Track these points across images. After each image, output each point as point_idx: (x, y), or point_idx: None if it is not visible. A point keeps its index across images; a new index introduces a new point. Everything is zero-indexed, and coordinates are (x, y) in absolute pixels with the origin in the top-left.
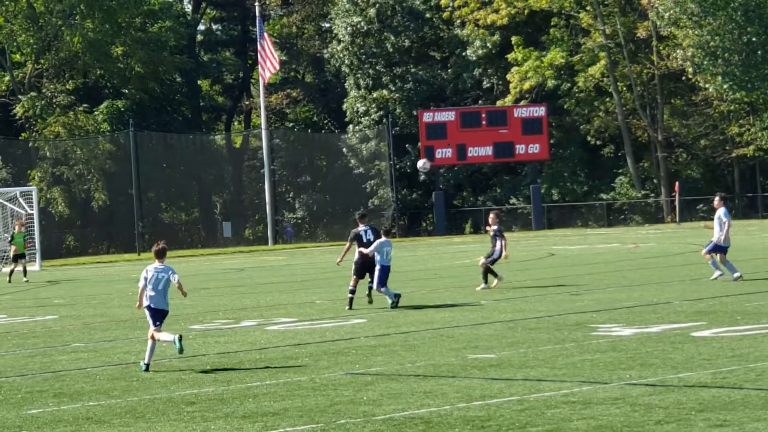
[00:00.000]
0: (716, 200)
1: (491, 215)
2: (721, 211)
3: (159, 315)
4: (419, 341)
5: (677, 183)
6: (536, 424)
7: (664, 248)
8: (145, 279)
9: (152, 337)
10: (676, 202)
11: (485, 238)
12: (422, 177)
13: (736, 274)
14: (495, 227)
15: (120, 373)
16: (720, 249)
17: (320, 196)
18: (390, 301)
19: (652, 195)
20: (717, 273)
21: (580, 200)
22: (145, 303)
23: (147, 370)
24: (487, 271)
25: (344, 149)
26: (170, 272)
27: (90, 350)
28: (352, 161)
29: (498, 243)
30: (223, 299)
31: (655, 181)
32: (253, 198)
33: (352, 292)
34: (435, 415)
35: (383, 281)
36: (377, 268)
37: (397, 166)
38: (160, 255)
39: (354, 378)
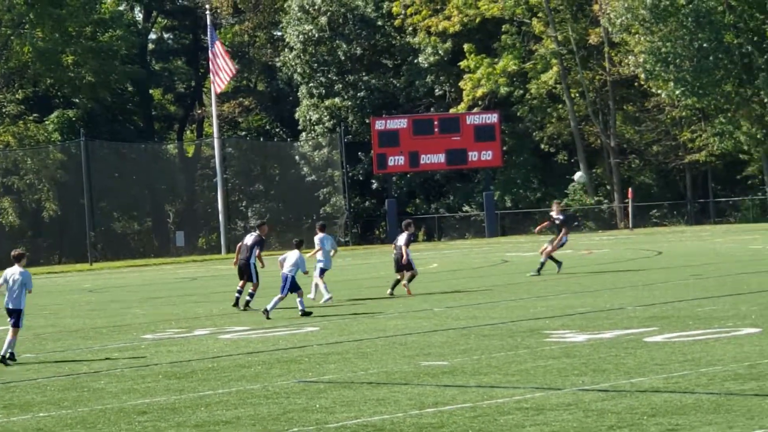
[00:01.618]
0: None
1: (554, 204)
2: None
3: (15, 314)
4: (372, 349)
5: (630, 189)
6: (489, 430)
7: (617, 254)
8: (5, 280)
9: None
10: (630, 208)
11: (438, 245)
12: (374, 184)
13: None
14: (560, 215)
15: (71, 384)
16: None
17: (273, 204)
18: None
19: (606, 201)
20: None
21: (533, 207)
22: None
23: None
24: (549, 257)
25: (297, 157)
26: (26, 277)
27: (40, 361)
28: (305, 169)
29: (564, 230)
30: (176, 308)
31: (608, 187)
32: (205, 207)
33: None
34: (388, 422)
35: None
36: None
37: (350, 174)
38: (18, 259)
39: (307, 386)
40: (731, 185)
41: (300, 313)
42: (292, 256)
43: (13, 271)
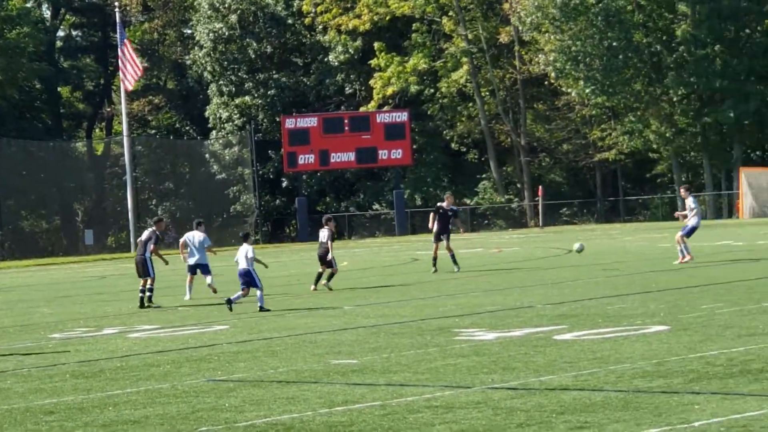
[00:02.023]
0: (682, 191)
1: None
2: (690, 200)
3: None
4: (282, 347)
5: (540, 187)
6: (399, 428)
7: (527, 252)
8: None
9: None
10: (540, 207)
11: (348, 243)
12: (285, 183)
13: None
14: (452, 207)
15: None
16: (692, 231)
17: (183, 202)
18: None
19: (516, 199)
20: (685, 257)
21: None
22: None
23: None
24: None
25: (207, 156)
26: None
27: None
28: (215, 167)
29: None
30: (85, 307)
31: (518, 185)
32: (115, 205)
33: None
34: (297, 421)
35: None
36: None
37: (260, 172)
38: None
39: (216, 385)
40: (641, 184)
41: (258, 308)
42: (242, 250)
43: None
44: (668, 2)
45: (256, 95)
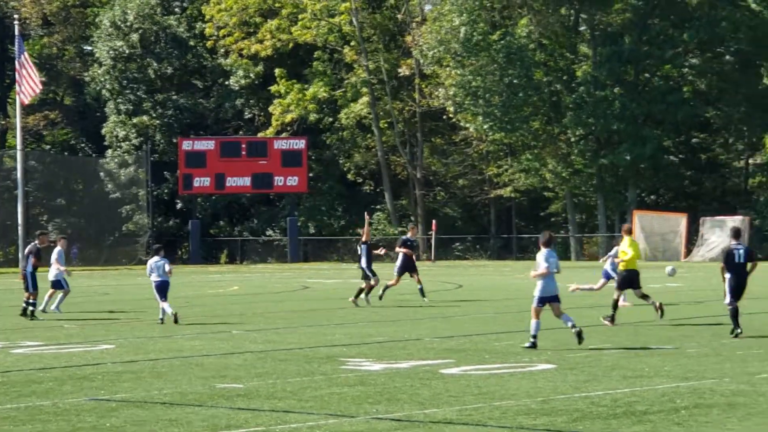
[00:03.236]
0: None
1: (411, 227)
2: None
3: None
4: (168, 369)
5: (434, 221)
6: None
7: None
8: None
9: None
10: (433, 240)
11: (240, 268)
12: (179, 204)
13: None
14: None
15: None
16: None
17: (75, 219)
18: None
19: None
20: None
21: (336, 235)
22: None
23: None
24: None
25: (102, 174)
26: None
27: None
28: (110, 186)
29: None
30: None
31: (412, 218)
32: (4, 219)
33: None
34: None
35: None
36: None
37: (155, 193)
38: None
39: (98, 404)
40: (534, 222)
41: (172, 319)
42: (157, 263)
43: None
44: (570, 43)
45: (154, 115)
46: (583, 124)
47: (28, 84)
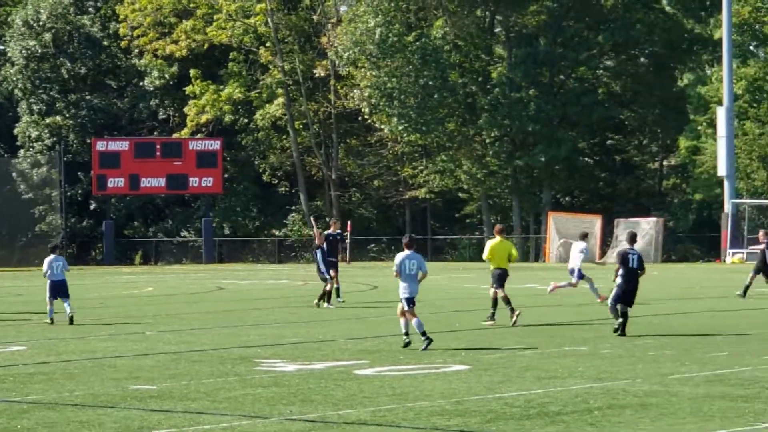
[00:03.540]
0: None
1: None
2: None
3: None
4: (80, 370)
5: (350, 222)
6: None
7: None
8: None
9: None
10: (348, 241)
11: (154, 269)
12: (93, 205)
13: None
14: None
15: None
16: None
17: None
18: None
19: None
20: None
21: (251, 236)
22: None
23: None
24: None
25: (14, 174)
26: None
27: None
28: (22, 186)
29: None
30: None
31: (327, 219)
32: None
33: None
34: None
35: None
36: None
37: (68, 194)
38: None
39: (9, 406)
40: (450, 223)
41: (68, 320)
42: (54, 261)
43: None
44: (485, 44)
45: (67, 115)
46: (498, 126)
47: None
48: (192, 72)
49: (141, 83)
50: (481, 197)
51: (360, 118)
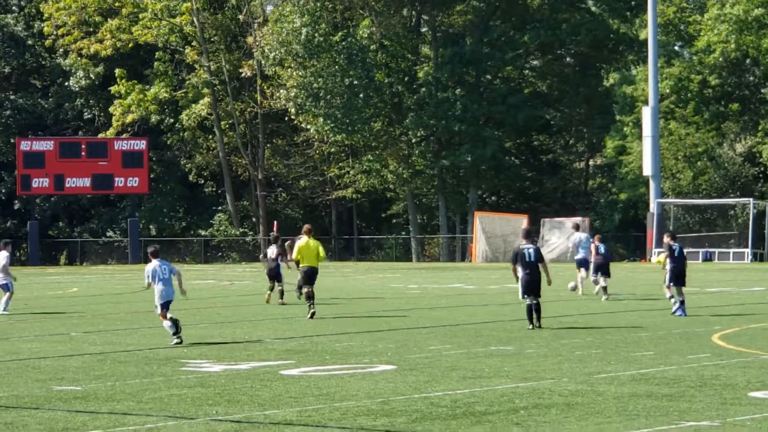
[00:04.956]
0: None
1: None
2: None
3: None
4: (3, 371)
5: (276, 222)
6: None
7: (258, 286)
8: None
9: None
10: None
11: (80, 269)
12: (17, 205)
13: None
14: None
15: None
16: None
17: None
18: None
19: (251, 233)
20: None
21: (177, 236)
22: None
23: None
24: None
25: None
26: None
27: None
28: None
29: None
30: None
31: (254, 219)
32: None
33: None
34: None
35: None
36: None
37: None
38: None
39: None
40: (376, 223)
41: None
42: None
43: None
44: (411, 44)
45: None
46: (425, 126)
47: None
48: (117, 71)
49: (66, 83)
50: (407, 197)
51: (286, 118)
